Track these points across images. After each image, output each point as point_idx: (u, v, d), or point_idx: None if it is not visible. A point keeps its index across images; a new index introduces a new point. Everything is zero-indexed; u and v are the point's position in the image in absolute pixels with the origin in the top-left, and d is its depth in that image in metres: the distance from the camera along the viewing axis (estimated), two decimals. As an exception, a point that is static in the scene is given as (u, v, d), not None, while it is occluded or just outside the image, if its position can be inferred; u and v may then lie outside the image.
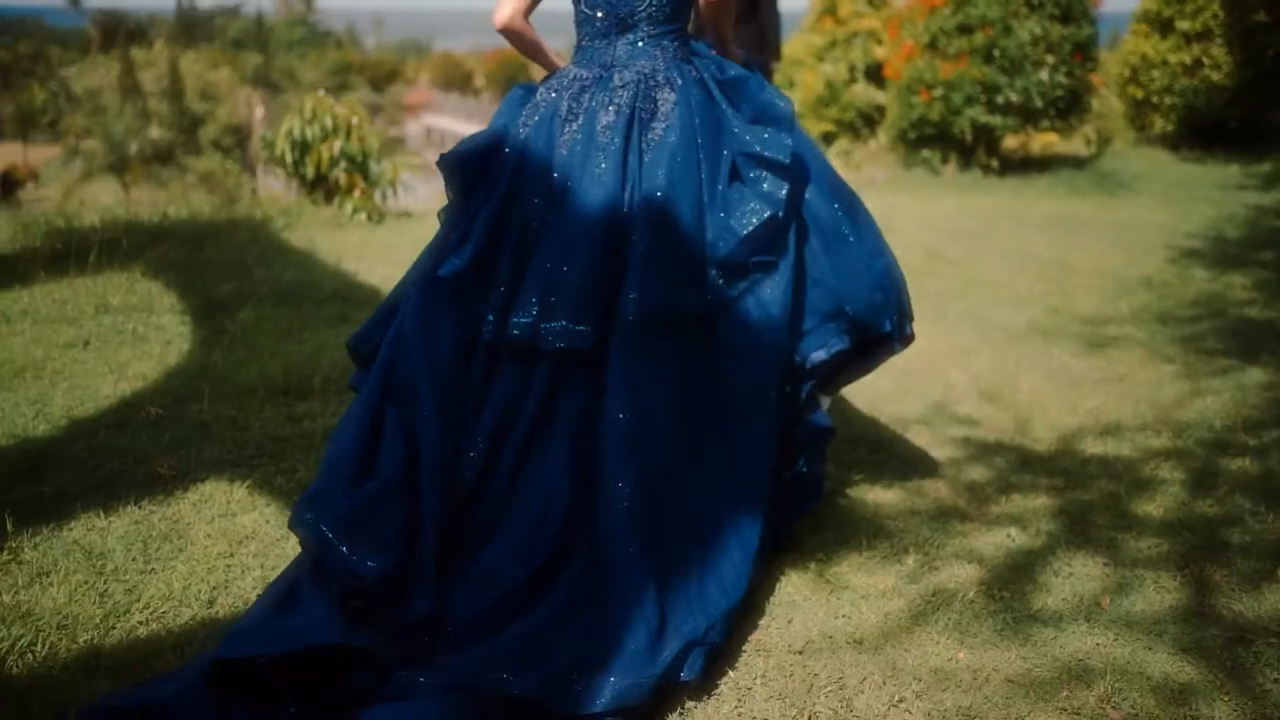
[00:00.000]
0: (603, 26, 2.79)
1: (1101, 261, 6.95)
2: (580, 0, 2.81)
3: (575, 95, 2.75)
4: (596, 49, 2.80)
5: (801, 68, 13.65)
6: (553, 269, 2.60)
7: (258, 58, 78.00)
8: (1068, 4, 9.82)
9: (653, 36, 2.78)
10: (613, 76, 2.74)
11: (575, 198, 2.65)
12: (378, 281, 5.89)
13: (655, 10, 2.76)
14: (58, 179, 52.13)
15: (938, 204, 9.14)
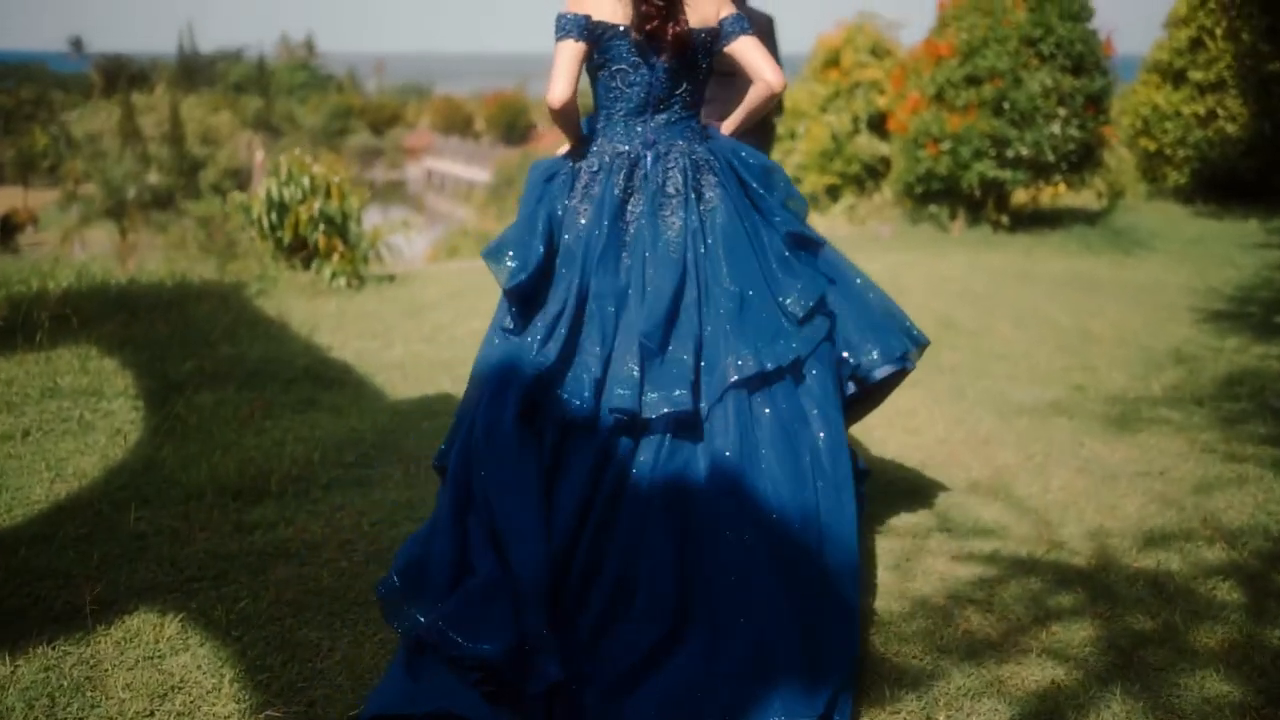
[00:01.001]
0: (639, 104, 2.95)
1: (1124, 328, 6.56)
2: (615, 76, 2.94)
3: (627, 174, 2.91)
4: (631, 125, 2.96)
5: (804, 118, 13.33)
6: (645, 343, 2.73)
7: (258, 102, 78.27)
8: (1079, 55, 9.49)
9: (683, 118, 3.00)
10: (659, 154, 2.94)
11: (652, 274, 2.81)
12: (351, 358, 5.49)
13: (688, 95, 2.98)
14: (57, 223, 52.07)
15: (946, 262, 8.76)
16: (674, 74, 2.94)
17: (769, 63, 2.98)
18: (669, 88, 2.94)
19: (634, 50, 2.91)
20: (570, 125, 2.99)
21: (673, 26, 2.89)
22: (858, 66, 13.11)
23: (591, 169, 2.94)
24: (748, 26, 3.01)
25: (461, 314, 6.49)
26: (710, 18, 2.97)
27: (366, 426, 4.51)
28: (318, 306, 6.54)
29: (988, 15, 9.64)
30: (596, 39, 2.91)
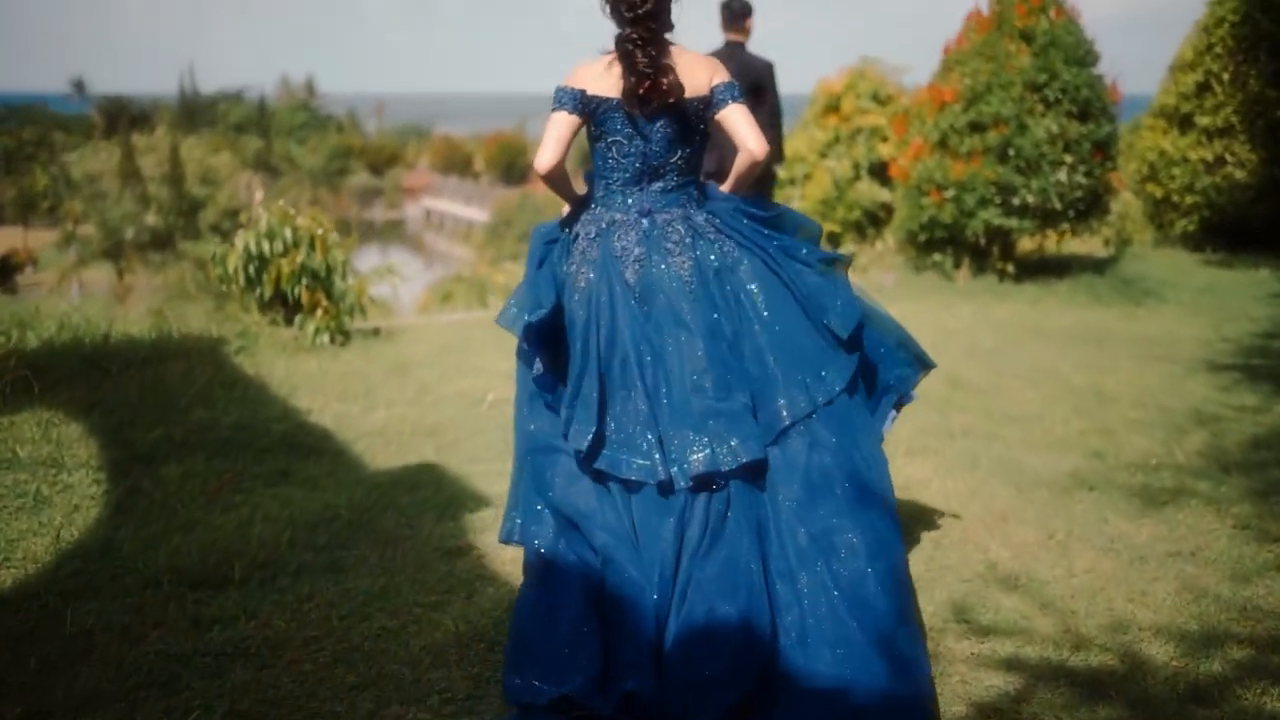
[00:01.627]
0: (635, 174, 3.06)
1: (1140, 387, 6.28)
2: (611, 148, 3.05)
3: (623, 236, 3.01)
4: (628, 194, 3.06)
5: (804, 164, 13.13)
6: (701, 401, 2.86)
7: (259, 142, 78.46)
8: (1085, 100, 9.28)
9: (680, 186, 3.09)
10: (655, 218, 3.03)
11: (684, 313, 2.93)
12: (330, 422, 5.22)
13: (684, 162, 3.08)
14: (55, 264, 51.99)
15: (952, 314, 8.50)
16: (669, 143, 3.04)
17: (753, 131, 3.08)
18: (664, 157, 3.05)
19: (627, 122, 3.02)
20: (561, 189, 3.12)
21: (664, 81, 2.98)
22: (859, 112, 12.92)
23: (589, 235, 3.05)
24: (738, 95, 3.10)
25: (448, 372, 6.22)
26: (703, 86, 3.06)
27: (342, 502, 4.22)
28: (299, 365, 6.27)
29: (991, 60, 9.44)
30: (591, 112, 3.03)
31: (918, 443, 5.17)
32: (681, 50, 3.10)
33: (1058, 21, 9.41)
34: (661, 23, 3.04)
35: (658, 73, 2.97)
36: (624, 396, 2.92)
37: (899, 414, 3.35)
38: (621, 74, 3.01)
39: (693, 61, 3.08)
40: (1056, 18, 9.43)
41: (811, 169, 13.07)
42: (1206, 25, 10.90)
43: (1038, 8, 9.44)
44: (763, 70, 7.39)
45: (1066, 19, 9.48)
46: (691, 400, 2.86)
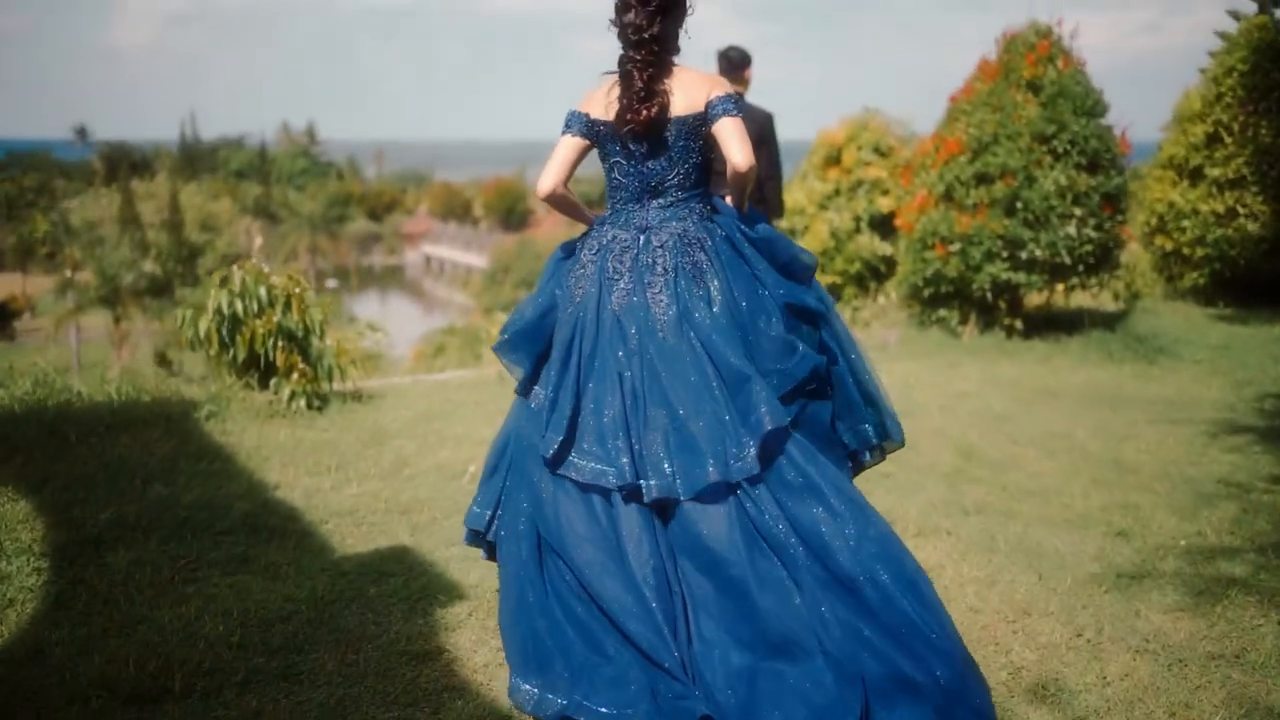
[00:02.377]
0: (636, 192, 3.14)
1: (1162, 456, 5.93)
2: (614, 169, 3.16)
3: (618, 256, 3.09)
4: (631, 211, 3.15)
5: (803, 216, 12.85)
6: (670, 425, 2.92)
7: (258, 189, 78.58)
8: (1094, 152, 8.99)
9: (681, 200, 3.14)
10: (650, 238, 3.09)
11: (652, 351, 2.98)
12: (299, 499, 4.86)
13: (683, 179, 3.13)
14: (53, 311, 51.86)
15: (959, 374, 8.17)
16: (667, 161, 3.11)
17: (740, 144, 3.05)
18: (662, 175, 3.12)
19: (625, 143, 3.11)
20: (566, 210, 3.26)
21: (645, 110, 3.03)
22: (861, 165, 12.66)
23: (592, 250, 3.15)
24: (731, 108, 3.08)
25: (429, 442, 5.87)
26: (699, 101, 3.08)
27: (303, 594, 3.86)
28: (271, 433, 5.92)
29: (998, 111, 9.17)
30: (596, 136, 3.14)
31: (928, 521, 4.82)
32: (684, 69, 3.14)
33: (1065, 71, 9.15)
34: (666, 46, 3.10)
35: (644, 101, 3.04)
36: (597, 409, 2.99)
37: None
38: (619, 96, 3.09)
39: (693, 79, 3.12)
40: (1064, 68, 9.18)
41: (810, 221, 12.78)
42: (1215, 75, 10.66)
43: (1045, 57, 9.18)
44: (763, 121, 7.13)
45: (1074, 69, 9.22)
46: (661, 426, 2.93)
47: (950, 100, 9.94)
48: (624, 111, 3.06)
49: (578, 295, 3.10)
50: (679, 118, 3.08)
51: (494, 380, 7.50)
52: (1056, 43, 9.33)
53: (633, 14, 3.07)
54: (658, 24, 3.06)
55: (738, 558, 2.82)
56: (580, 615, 2.91)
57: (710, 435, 2.87)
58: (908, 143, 13.13)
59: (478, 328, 15.12)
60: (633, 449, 2.92)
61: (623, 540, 2.90)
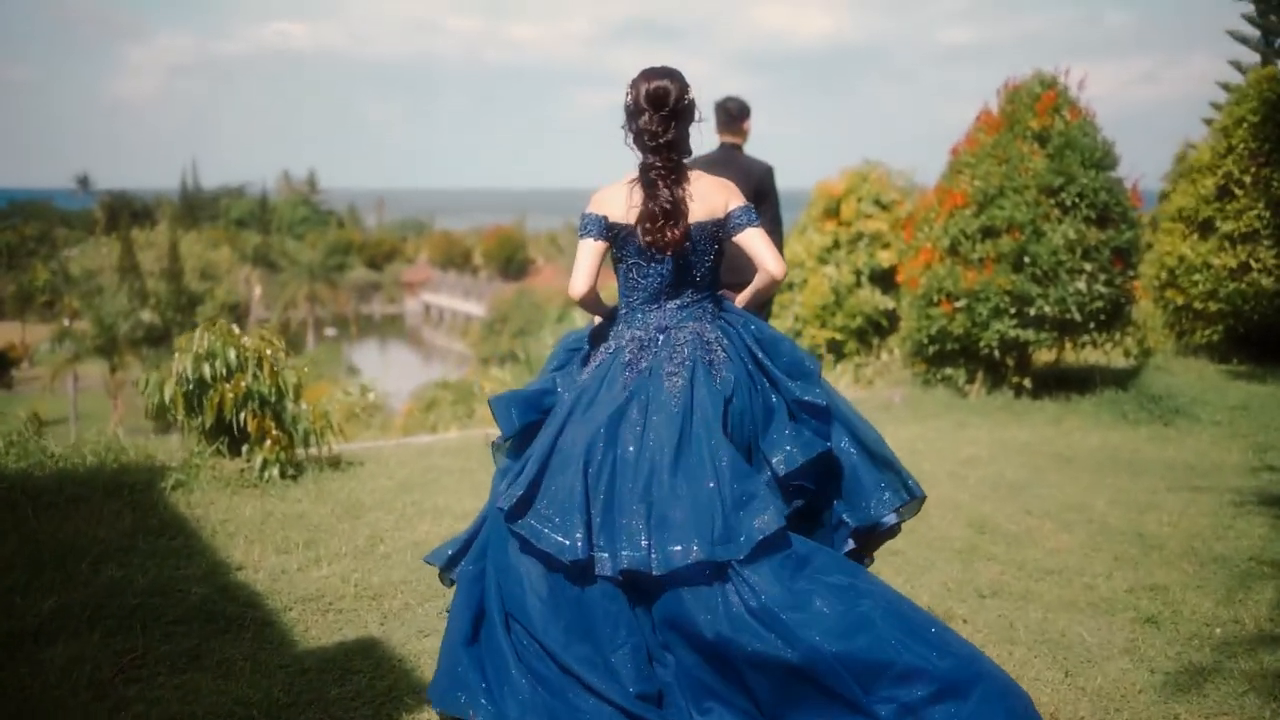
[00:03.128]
0: (653, 293, 3.27)
1: (1186, 528, 5.58)
2: (632, 270, 3.26)
3: (636, 350, 3.23)
4: (648, 312, 3.27)
5: (803, 270, 12.56)
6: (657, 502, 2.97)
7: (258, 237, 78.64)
8: (1104, 205, 8.71)
9: (696, 301, 3.28)
10: (670, 336, 3.22)
11: (655, 423, 3.06)
12: (263, 583, 4.50)
13: (699, 281, 3.28)
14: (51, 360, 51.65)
15: (967, 437, 7.83)
16: (684, 265, 3.24)
17: (771, 253, 3.26)
18: (680, 277, 3.26)
19: (645, 247, 3.21)
20: (593, 308, 3.36)
21: (671, 230, 3.17)
22: (861, 217, 12.39)
23: (608, 349, 3.28)
24: (754, 219, 3.29)
25: (407, 516, 5.52)
26: (719, 209, 3.26)
27: (257, 697, 3.49)
28: (239, 505, 5.57)
29: (1003, 163, 8.90)
30: (613, 237, 3.25)
31: (942, 606, 4.46)
32: (700, 175, 3.29)
33: (1073, 122, 8.89)
34: (681, 151, 3.25)
35: (669, 220, 3.17)
36: (564, 478, 3.04)
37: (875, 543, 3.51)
38: (642, 201, 3.20)
39: (710, 186, 3.28)
40: (1072, 118, 8.92)
41: (809, 274, 12.48)
42: (1224, 127, 10.41)
43: (1051, 108, 8.93)
44: (763, 175, 6.86)
45: (1083, 119, 8.96)
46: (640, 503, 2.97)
47: (952, 152, 9.68)
48: (651, 226, 3.19)
49: (585, 374, 3.28)
50: (699, 223, 3.23)
51: (480, 445, 7.17)
52: (1063, 93, 9.08)
53: (646, 118, 3.20)
54: (672, 129, 3.20)
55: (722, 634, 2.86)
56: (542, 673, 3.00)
57: (701, 515, 2.93)
58: (908, 195, 12.87)
59: (471, 383, 14.80)
60: (591, 523, 2.98)
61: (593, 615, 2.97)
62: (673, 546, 2.89)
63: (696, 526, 2.90)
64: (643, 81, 3.24)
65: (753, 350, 3.26)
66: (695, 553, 2.87)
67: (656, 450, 3.02)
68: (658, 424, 3.06)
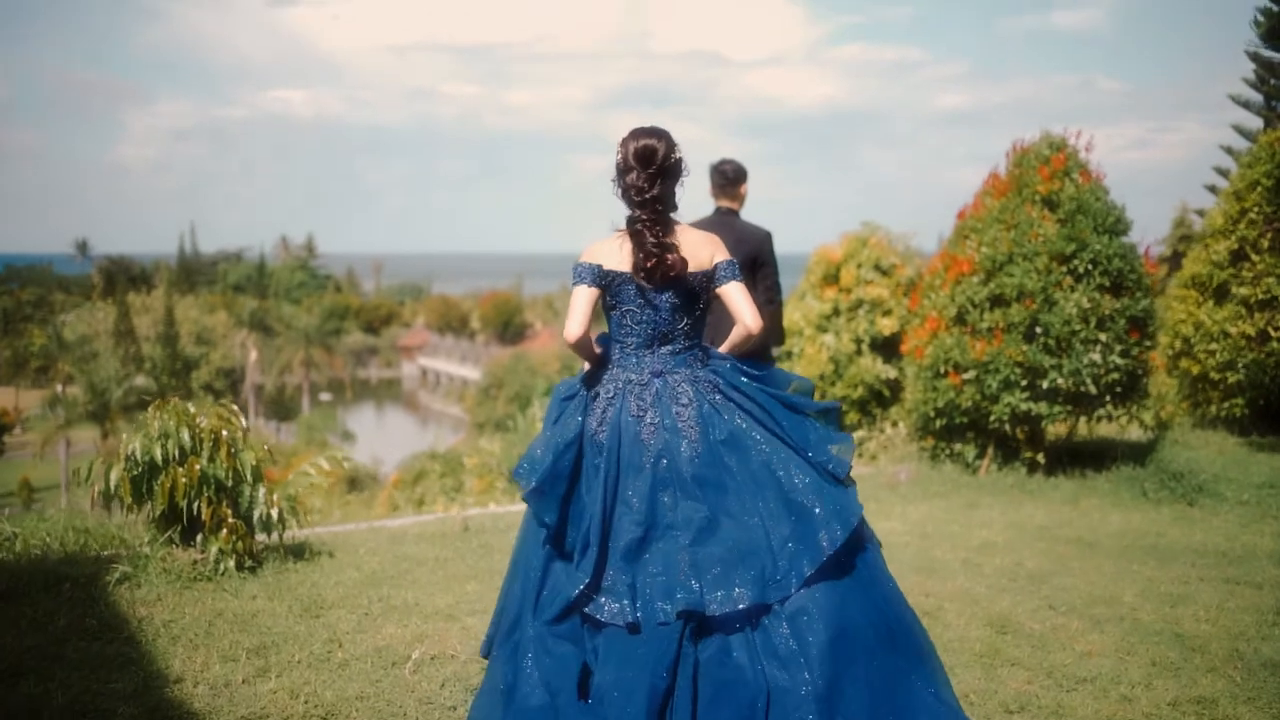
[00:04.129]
0: (647, 339, 3.45)
1: (1227, 626, 5.09)
2: (625, 316, 3.45)
3: (639, 395, 3.37)
4: (641, 356, 3.45)
5: (800, 338, 12.14)
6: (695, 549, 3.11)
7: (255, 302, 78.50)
8: (1118, 272, 8.31)
9: (686, 348, 3.48)
10: (666, 380, 3.40)
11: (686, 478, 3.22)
12: (201, 699, 3.99)
13: (689, 328, 3.49)
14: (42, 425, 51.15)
15: (980, 518, 7.35)
16: (675, 311, 3.41)
17: (749, 307, 3.44)
18: (671, 323, 3.42)
19: (639, 293, 3.39)
20: (585, 354, 3.48)
21: (670, 258, 3.34)
22: (861, 283, 11.99)
23: (608, 395, 3.39)
24: (737, 273, 3.46)
25: (371, 615, 5.01)
26: (705, 262, 3.44)
27: None
28: (189, 603, 5.06)
29: (1012, 228, 8.52)
30: (607, 285, 3.41)
31: (966, 725, 3.95)
32: (685, 229, 3.48)
33: (1084, 186, 8.52)
34: (667, 205, 3.44)
35: (664, 251, 3.35)
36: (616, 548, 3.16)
37: None
38: (632, 251, 3.38)
39: (697, 240, 3.46)
40: (1083, 182, 8.55)
41: (807, 343, 12.04)
42: (1237, 190, 10.04)
43: (1060, 171, 8.57)
44: (760, 241, 6.49)
45: (1094, 183, 8.60)
46: (686, 554, 3.09)
47: (958, 217, 9.31)
48: (647, 262, 3.35)
49: (600, 435, 3.33)
50: (690, 273, 3.40)
51: (458, 531, 6.67)
52: (1073, 155, 8.72)
53: (634, 175, 3.39)
54: (657, 185, 3.39)
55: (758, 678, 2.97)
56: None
57: (751, 556, 3.10)
58: (909, 260, 12.49)
59: (460, 454, 14.32)
60: (636, 586, 3.10)
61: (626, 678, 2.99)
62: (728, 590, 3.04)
63: (748, 568, 3.08)
64: (631, 140, 3.43)
65: (746, 388, 3.42)
66: (743, 596, 3.04)
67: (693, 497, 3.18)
68: (688, 472, 3.21)
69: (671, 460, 3.21)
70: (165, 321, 62.05)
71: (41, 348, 60.43)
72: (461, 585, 5.54)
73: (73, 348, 57.88)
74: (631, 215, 3.42)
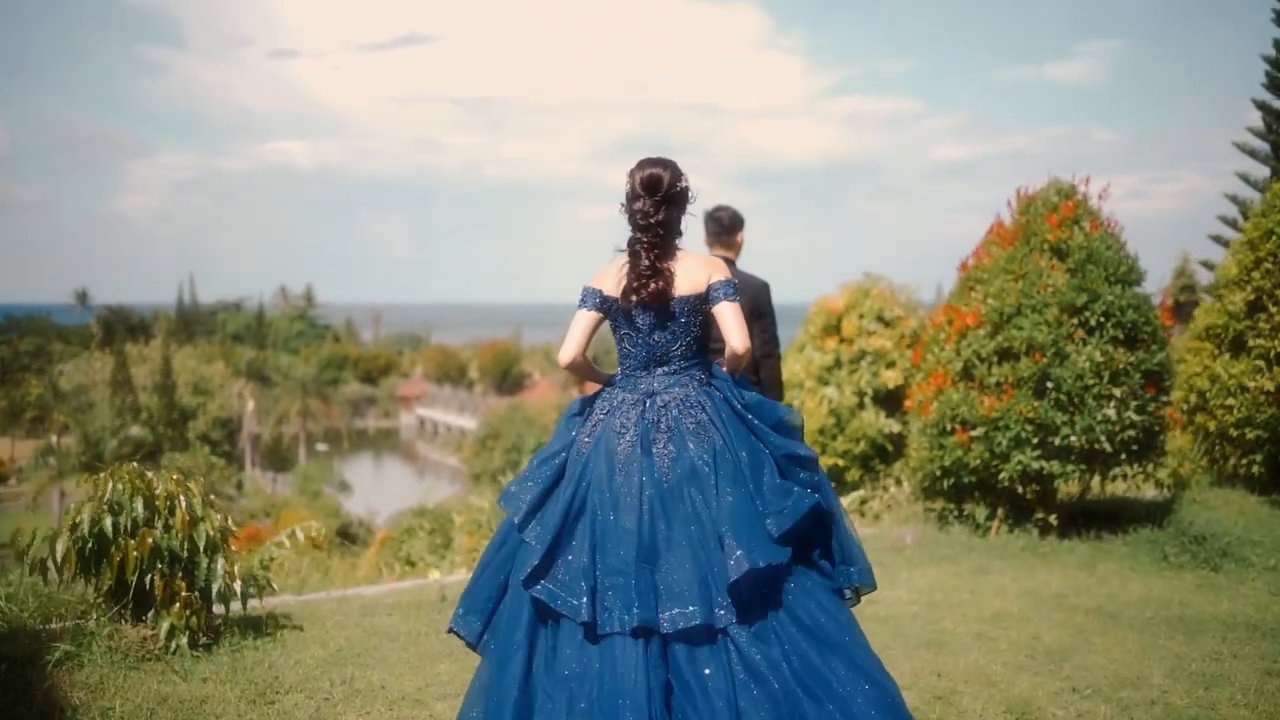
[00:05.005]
0: (643, 360, 3.57)
1: (1268, 711, 4.67)
2: (624, 340, 3.59)
3: (625, 414, 3.49)
4: (638, 378, 3.57)
5: (800, 390, 11.74)
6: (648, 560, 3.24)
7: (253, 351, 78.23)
8: (1132, 324, 7.93)
9: (684, 369, 3.57)
10: (656, 400, 3.50)
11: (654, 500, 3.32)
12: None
13: (685, 350, 3.56)
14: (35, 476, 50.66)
15: (991, 585, 6.92)
16: (671, 334, 3.52)
17: (737, 328, 3.50)
18: (667, 346, 3.53)
19: (633, 316, 3.53)
20: (585, 374, 3.71)
21: (654, 284, 3.46)
22: (862, 334, 11.61)
23: (603, 409, 3.56)
24: (731, 292, 3.52)
25: (332, 702, 4.57)
26: (701, 283, 3.52)
27: None
28: (134, 687, 4.63)
29: (1020, 278, 8.15)
30: (608, 310, 3.59)
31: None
32: (687, 254, 3.58)
33: (1094, 234, 8.16)
34: (670, 230, 3.56)
35: (651, 278, 3.45)
36: (578, 546, 3.29)
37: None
38: (627, 274, 3.50)
39: (695, 263, 3.56)
40: (1093, 230, 8.20)
41: (807, 396, 11.63)
42: (1251, 240, 9.68)
43: (1070, 219, 8.22)
44: (759, 292, 6.15)
45: (1104, 231, 8.24)
46: (643, 568, 3.20)
47: (961, 268, 8.94)
48: (633, 284, 3.47)
49: (585, 446, 3.46)
50: (682, 296, 3.49)
51: (435, 601, 6.24)
52: (1082, 203, 8.37)
53: (641, 202, 3.53)
54: (663, 211, 3.52)
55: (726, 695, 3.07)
56: None
57: (699, 578, 3.18)
58: (912, 311, 12.11)
59: (448, 510, 13.88)
60: (597, 588, 3.20)
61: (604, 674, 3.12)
62: (677, 608, 3.15)
63: (697, 589, 3.17)
64: (639, 169, 3.58)
65: (737, 410, 3.47)
66: (694, 614, 3.14)
67: (657, 519, 3.28)
68: (656, 495, 3.30)
69: (642, 479, 3.33)
70: (162, 371, 61.78)
71: (38, 397, 60.10)
72: (434, 665, 5.10)
73: (68, 398, 57.51)
74: (633, 237, 3.56)
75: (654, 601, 3.14)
